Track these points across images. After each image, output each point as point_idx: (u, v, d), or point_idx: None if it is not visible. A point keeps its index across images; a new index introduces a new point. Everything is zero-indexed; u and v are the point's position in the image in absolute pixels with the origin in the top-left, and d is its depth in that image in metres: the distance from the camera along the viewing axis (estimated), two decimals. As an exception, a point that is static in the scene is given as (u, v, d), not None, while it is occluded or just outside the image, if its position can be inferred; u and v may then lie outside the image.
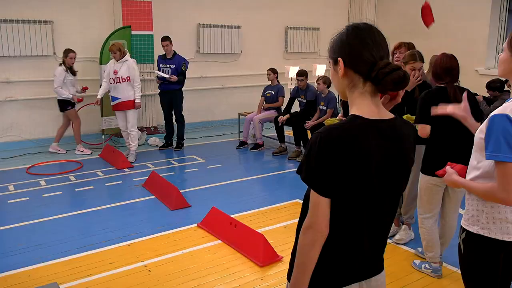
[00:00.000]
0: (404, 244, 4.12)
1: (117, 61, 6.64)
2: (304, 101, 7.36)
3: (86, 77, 7.89)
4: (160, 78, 7.33)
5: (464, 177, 2.08)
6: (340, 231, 1.49)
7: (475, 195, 2.01)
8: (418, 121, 3.33)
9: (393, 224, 4.32)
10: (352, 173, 1.40)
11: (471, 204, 2.05)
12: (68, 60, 7.01)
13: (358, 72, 1.46)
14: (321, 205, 1.43)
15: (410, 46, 4.39)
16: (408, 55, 3.90)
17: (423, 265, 3.65)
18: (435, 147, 3.37)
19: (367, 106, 1.46)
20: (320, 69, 8.54)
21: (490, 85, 6.58)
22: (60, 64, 7.03)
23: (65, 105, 7.13)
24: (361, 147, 1.40)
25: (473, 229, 2.02)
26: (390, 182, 1.50)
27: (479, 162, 1.98)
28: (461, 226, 2.10)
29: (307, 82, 7.35)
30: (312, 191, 1.45)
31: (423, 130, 3.28)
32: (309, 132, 6.99)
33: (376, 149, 1.43)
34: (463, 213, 2.14)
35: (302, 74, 7.31)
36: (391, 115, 1.52)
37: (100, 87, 7.03)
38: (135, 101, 6.70)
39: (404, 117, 3.56)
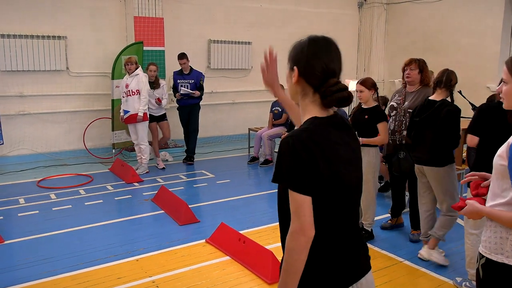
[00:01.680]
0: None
1: (129, 74, 6.75)
2: None
3: (98, 92, 8.00)
4: (184, 94, 7.39)
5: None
6: (325, 232, 1.53)
7: (499, 223, 1.91)
8: (469, 130, 3.34)
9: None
10: (327, 167, 1.49)
11: (494, 231, 1.92)
12: (147, 73, 7.12)
13: (309, 83, 1.59)
14: (306, 204, 1.47)
15: (420, 62, 4.37)
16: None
17: (463, 283, 3.58)
18: (482, 164, 3.15)
19: (319, 111, 1.60)
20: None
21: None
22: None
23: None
24: (329, 143, 1.53)
25: (497, 258, 1.89)
26: (355, 171, 1.61)
27: (504, 191, 1.88)
28: (480, 253, 1.98)
29: None
30: (293, 194, 1.49)
31: (472, 140, 3.35)
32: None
33: (339, 140, 1.57)
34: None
35: None
36: (332, 112, 1.63)
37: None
38: (138, 114, 6.73)
39: None
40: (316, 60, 1.56)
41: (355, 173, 1.61)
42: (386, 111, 4.72)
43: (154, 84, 7.22)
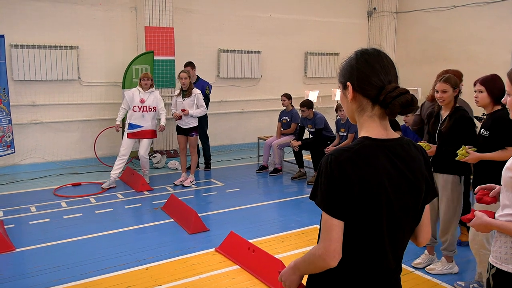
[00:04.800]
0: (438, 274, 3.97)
1: (144, 90, 6.65)
2: (313, 129, 7.30)
3: (109, 101, 8.08)
4: None
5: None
6: (355, 257, 1.45)
7: (509, 234, 1.93)
8: (509, 143, 3.18)
9: (427, 252, 4.17)
10: (365, 193, 1.38)
11: (504, 241, 1.95)
12: (180, 81, 6.68)
13: (367, 96, 1.48)
14: (334, 228, 1.39)
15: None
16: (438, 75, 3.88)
17: (471, 285, 3.54)
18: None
19: (376, 129, 1.48)
20: (340, 94, 8.55)
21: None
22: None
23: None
24: (372, 167, 1.40)
25: (508, 268, 1.92)
26: (406, 199, 1.46)
27: None
28: (490, 263, 2.00)
29: (314, 110, 7.27)
30: (324, 214, 1.41)
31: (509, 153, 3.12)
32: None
33: (388, 166, 1.42)
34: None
35: (304, 105, 7.14)
36: (397, 135, 1.52)
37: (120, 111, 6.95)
38: (161, 124, 6.69)
39: (421, 143, 3.41)
40: (368, 69, 1.46)
41: (401, 202, 1.45)
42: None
43: (185, 92, 6.64)
